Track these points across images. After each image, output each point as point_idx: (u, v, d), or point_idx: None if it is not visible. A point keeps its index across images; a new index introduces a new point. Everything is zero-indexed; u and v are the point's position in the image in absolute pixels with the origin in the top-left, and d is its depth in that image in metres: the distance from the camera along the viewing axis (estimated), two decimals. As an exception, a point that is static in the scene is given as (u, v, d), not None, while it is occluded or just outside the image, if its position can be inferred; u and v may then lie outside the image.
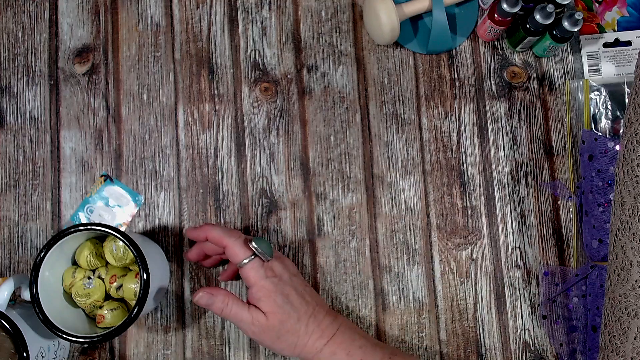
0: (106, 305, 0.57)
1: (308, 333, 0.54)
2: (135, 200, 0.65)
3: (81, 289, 0.57)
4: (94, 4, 0.69)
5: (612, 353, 0.53)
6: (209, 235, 0.56)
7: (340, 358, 0.54)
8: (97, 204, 0.64)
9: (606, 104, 0.65)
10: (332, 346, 0.54)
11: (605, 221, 0.60)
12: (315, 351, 0.54)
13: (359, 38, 0.68)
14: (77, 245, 0.59)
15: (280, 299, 0.54)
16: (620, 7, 0.69)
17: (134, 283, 0.56)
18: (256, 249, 0.54)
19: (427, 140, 0.67)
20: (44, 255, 0.55)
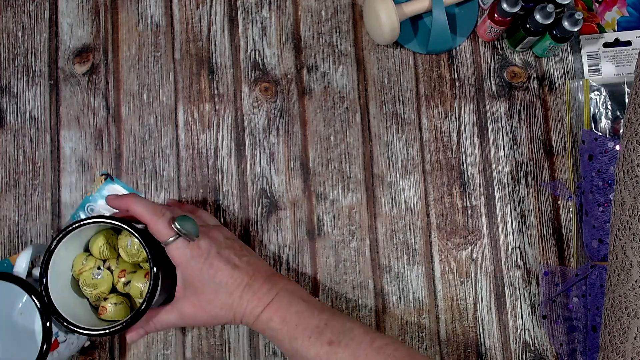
0: (110, 299, 0.57)
1: (243, 304, 0.53)
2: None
3: (89, 279, 0.56)
4: (94, 4, 0.69)
5: (612, 353, 0.53)
6: (130, 209, 0.54)
7: (275, 324, 0.53)
8: (98, 203, 0.64)
9: (606, 104, 0.65)
10: (268, 313, 0.53)
11: (605, 221, 0.60)
12: (253, 318, 0.53)
13: (359, 38, 0.68)
14: (92, 234, 0.58)
15: (206, 277, 0.53)
16: (620, 7, 0.69)
17: (143, 282, 0.56)
18: (179, 229, 0.52)
19: (427, 140, 0.67)
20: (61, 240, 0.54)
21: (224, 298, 0.53)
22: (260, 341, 0.63)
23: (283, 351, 0.54)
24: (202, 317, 0.54)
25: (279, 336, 0.53)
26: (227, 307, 0.53)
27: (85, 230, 0.55)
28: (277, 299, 0.54)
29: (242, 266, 0.55)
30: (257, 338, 0.63)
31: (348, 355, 0.50)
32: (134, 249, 0.56)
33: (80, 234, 0.55)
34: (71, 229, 0.53)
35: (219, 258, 0.54)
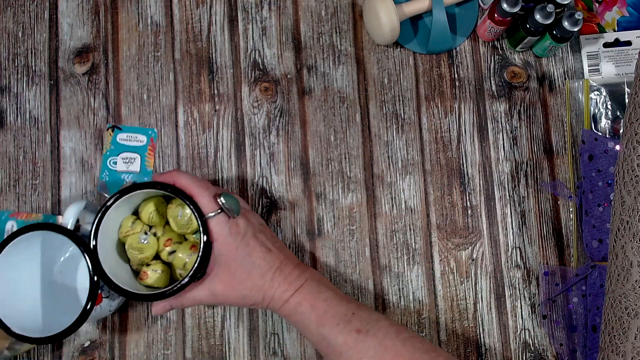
0: (153, 265, 0.56)
1: (274, 286, 0.54)
2: (149, 134, 0.65)
3: (136, 242, 0.56)
4: (94, 4, 0.69)
5: (612, 353, 0.53)
6: (177, 182, 0.54)
7: (304, 309, 0.54)
8: (119, 156, 0.64)
9: (606, 104, 0.65)
10: (297, 297, 0.54)
11: (605, 221, 0.60)
12: (281, 302, 0.54)
13: (359, 38, 0.68)
14: (143, 199, 0.58)
15: (241, 256, 0.54)
16: (620, 7, 0.69)
17: (187, 254, 0.56)
18: (223, 204, 0.53)
19: (427, 140, 0.67)
20: (117, 200, 0.54)
21: (256, 279, 0.54)
22: (260, 341, 0.63)
23: (307, 336, 0.55)
24: (232, 296, 0.54)
25: (306, 321, 0.53)
26: (257, 288, 0.54)
27: (138, 195, 0.55)
28: (306, 285, 0.55)
29: (274, 251, 0.56)
30: (257, 338, 0.63)
31: (375, 344, 0.51)
32: (184, 220, 0.56)
33: (132, 197, 0.55)
34: (128, 191, 0.54)
35: (255, 239, 0.55)
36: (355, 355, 0.51)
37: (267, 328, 0.63)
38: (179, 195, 0.53)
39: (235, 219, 0.54)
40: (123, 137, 0.64)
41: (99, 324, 0.63)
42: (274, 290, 0.54)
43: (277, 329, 0.63)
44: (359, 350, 0.51)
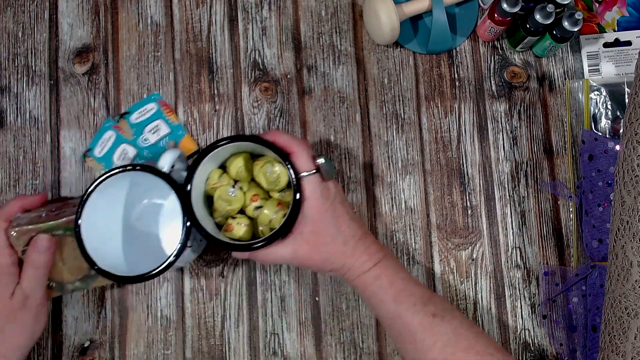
0: (239, 218, 0.57)
1: (355, 255, 0.54)
2: (153, 99, 0.66)
3: (225, 193, 0.56)
4: (94, 4, 0.69)
5: (612, 353, 0.53)
6: (277, 140, 0.54)
7: (383, 283, 0.54)
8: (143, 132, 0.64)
9: (606, 104, 0.65)
10: (376, 271, 0.54)
11: (605, 221, 0.60)
12: (360, 272, 0.54)
13: (359, 38, 0.68)
14: (232, 152, 0.58)
15: (329, 220, 0.54)
16: (620, 7, 0.69)
17: (274, 211, 0.56)
18: (322, 164, 0.54)
19: (427, 140, 0.67)
20: (213, 149, 0.54)
21: (339, 245, 0.54)
22: (260, 341, 0.63)
23: (379, 311, 0.54)
24: (315, 259, 0.54)
25: (382, 296, 0.54)
26: (339, 254, 0.54)
27: (228, 148, 0.56)
28: (385, 261, 0.55)
29: (357, 220, 0.56)
30: (257, 338, 0.63)
31: (450, 330, 0.52)
32: (272, 177, 0.56)
33: (223, 150, 0.55)
34: (225, 142, 0.54)
35: (342, 206, 0.55)
36: (429, 337, 0.51)
37: (267, 328, 0.63)
38: (277, 151, 0.53)
39: (327, 183, 0.55)
40: (135, 117, 0.65)
41: (99, 323, 0.63)
42: (354, 259, 0.54)
43: (277, 329, 0.63)
44: (433, 334, 0.51)
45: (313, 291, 0.64)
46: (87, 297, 0.64)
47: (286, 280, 0.64)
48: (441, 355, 0.51)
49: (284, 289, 0.64)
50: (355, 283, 0.55)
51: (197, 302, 0.64)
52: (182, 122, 0.66)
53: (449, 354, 0.51)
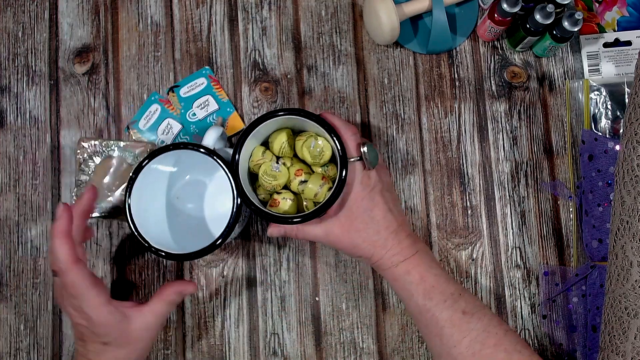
0: (284, 193, 0.57)
1: (386, 247, 0.55)
2: (204, 74, 0.66)
3: (270, 169, 0.56)
4: (94, 4, 0.69)
5: (612, 353, 0.53)
6: (328, 120, 0.55)
7: (413, 279, 0.54)
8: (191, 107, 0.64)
9: (606, 104, 0.65)
10: (407, 265, 0.55)
11: (605, 221, 0.60)
12: (389, 265, 0.55)
13: (359, 38, 0.68)
14: (274, 129, 0.58)
15: (364, 206, 0.55)
16: (620, 7, 0.69)
17: (319, 185, 0.56)
18: (365, 153, 0.54)
19: (427, 140, 0.67)
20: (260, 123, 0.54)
21: (372, 233, 0.55)
22: (260, 341, 0.63)
23: (409, 304, 0.55)
24: (345, 242, 0.55)
25: (412, 290, 0.54)
26: (370, 243, 0.55)
27: (274, 123, 0.56)
28: (417, 257, 0.55)
29: (395, 212, 0.56)
30: (257, 338, 0.63)
31: (479, 327, 0.52)
32: (316, 151, 0.56)
33: (270, 124, 0.56)
34: (277, 115, 0.54)
35: (381, 196, 0.56)
36: (457, 333, 0.52)
37: (267, 328, 0.63)
38: (326, 126, 0.54)
39: (368, 171, 0.55)
40: (185, 91, 0.65)
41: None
42: (385, 251, 0.55)
43: (277, 329, 0.63)
44: (462, 330, 0.52)
45: (313, 291, 0.64)
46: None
47: (286, 280, 0.64)
48: (468, 350, 0.51)
49: (284, 289, 0.64)
50: (385, 274, 0.56)
51: (197, 302, 0.64)
52: (231, 99, 0.66)
53: (476, 350, 0.51)
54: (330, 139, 0.55)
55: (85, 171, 0.60)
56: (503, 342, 0.52)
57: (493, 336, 0.52)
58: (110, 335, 0.52)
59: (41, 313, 0.64)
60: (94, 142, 0.61)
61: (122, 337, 0.52)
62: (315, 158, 0.57)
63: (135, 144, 0.61)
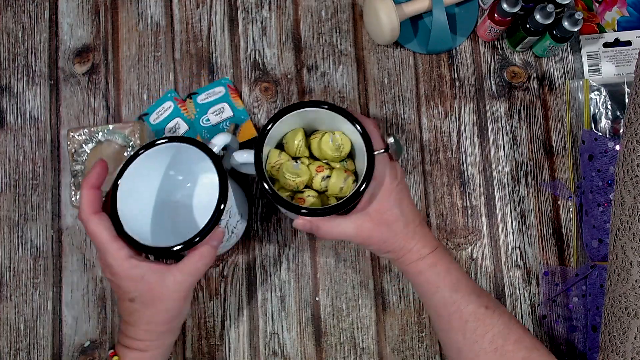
0: (307, 192, 0.56)
1: (415, 240, 0.54)
2: (223, 83, 0.66)
3: (291, 167, 0.55)
4: (94, 4, 0.69)
5: (612, 353, 0.53)
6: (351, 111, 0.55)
7: (440, 271, 0.54)
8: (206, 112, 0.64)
9: (606, 104, 0.65)
10: (433, 258, 0.54)
11: (605, 221, 0.60)
12: (417, 257, 0.54)
13: (359, 38, 0.68)
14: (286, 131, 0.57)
15: (394, 200, 0.54)
16: (620, 7, 0.69)
17: (343, 178, 0.55)
18: (391, 144, 0.53)
19: (427, 140, 0.67)
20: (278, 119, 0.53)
21: (401, 226, 0.54)
22: (260, 341, 0.63)
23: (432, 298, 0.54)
24: (376, 237, 0.53)
25: (439, 282, 0.54)
26: (401, 236, 0.54)
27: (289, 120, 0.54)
28: (440, 250, 0.55)
29: (415, 207, 0.56)
30: (257, 338, 0.63)
31: (501, 323, 0.52)
32: (335, 145, 0.55)
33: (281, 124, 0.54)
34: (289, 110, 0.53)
35: (406, 188, 0.55)
36: (481, 327, 0.52)
37: (267, 328, 0.63)
38: (352, 119, 0.53)
39: (394, 163, 0.55)
40: (203, 98, 0.65)
41: (98, 323, 0.63)
42: (413, 244, 0.54)
43: (277, 329, 0.63)
44: (485, 324, 0.52)
45: (313, 291, 0.64)
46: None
47: (286, 280, 0.64)
48: (491, 345, 0.51)
49: (284, 289, 0.64)
50: (409, 268, 0.54)
51: (197, 302, 0.64)
52: (246, 107, 0.66)
53: (499, 345, 0.51)
54: (354, 130, 0.53)
55: (79, 160, 0.60)
56: (524, 340, 0.52)
57: (514, 333, 0.52)
58: (136, 290, 0.50)
59: (41, 313, 0.64)
60: (83, 131, 0.61)
61: (147, 294, 0.50)
62: (335, 152, 0.55)
63: (124, 125, 0.61)
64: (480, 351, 0.51)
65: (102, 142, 0.61)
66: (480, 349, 0.51)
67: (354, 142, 0.55)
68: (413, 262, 0.54)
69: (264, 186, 0.52)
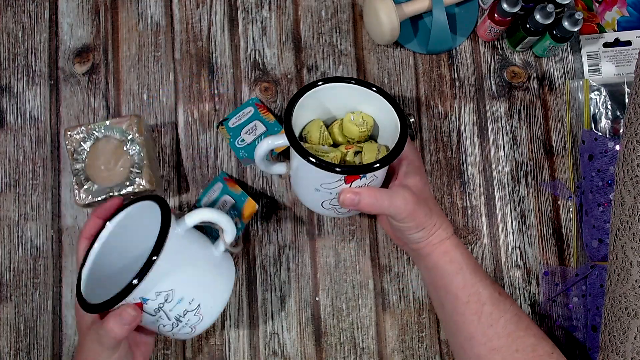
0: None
1: (441, 218, 0.54)
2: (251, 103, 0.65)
3: (320, 149, 0.54)
4: (94, 4, 0.69)
5: (612, 353, 0.53)
6: None
7: (462, 251, 0.54)
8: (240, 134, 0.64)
9: (606, 104, 0.65)
10: (455, 239, 0.55)
11: (605, 221, 0.60)
12: (445, 236, 0.54)
13: (359, 38, 0.68)
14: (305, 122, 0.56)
15: (424, 177, 0.55)
16: (620, 7, 0.69)
17: (375, 152, 0.54)
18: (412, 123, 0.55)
19: (427, 140, 0.67)
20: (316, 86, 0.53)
21: (433, 203, 0.55)
22: (260, 341, 0.63)
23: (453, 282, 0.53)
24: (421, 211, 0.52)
25: (462, 262, 0.54)
26: (435, 211, 0.54)
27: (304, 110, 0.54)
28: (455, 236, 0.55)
29: None
30: (257, 338, 0.63)
31: (513, 310, 0.53)
32: (359, 121, 0.55)
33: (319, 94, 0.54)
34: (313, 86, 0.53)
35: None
36: (496, 312, 0.52)
37: (267, 328, 0.63)
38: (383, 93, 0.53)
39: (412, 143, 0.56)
40: (233, 122, 0.64)
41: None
42: (441, 222, 0.54)
43: (277, 329, 0.63)
44: (499, 309, 0.53)
45: (313, 291, 0.64)
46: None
47: (286, 280, 0.64)
48: (504, 330, 0.52)
49: (284, 289, 0.64)
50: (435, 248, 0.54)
51: (197, 302, 0.64)
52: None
53: (511, 331, 0.52)
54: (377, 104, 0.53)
55: (79, 159, 0.60)
56: (532, 328, 0.53)
57: (524, 320, 0.53)
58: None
59: (41, 313, 0.64)
60: (80, 129, 0.61)
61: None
62: (362, 127, 0.55)
63: (120, 120, 0.61)
64: (494, 335, 0.52)
65: (100, 139, 0.61)
66: (494, 333, 0.52)
67: (375, 118, 0.55)
68: (442, 240, 0.54)
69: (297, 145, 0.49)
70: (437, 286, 0.55)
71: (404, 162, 0.54)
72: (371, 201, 0.51)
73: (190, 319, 0.51)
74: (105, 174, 0.61)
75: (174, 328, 0.51)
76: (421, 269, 0.58)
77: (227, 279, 0.53)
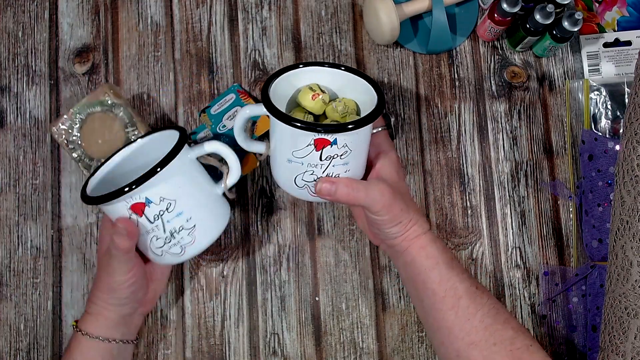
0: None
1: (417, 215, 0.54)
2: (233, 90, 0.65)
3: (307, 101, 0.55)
4: (94, 4, 0.69)
5: (612, 353, 0.53)
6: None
7: (439, 245, 0.54)
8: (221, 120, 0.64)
9: (606, 104, 0.65)
10: (431, 234, 0.55)
11: (605, 221, 0.60)
12: (421, 231, 0.54)
13: (359, 38, 0.68)
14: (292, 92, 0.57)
15: (402, 172, 0.56)
16: (620, 7, 0.69)
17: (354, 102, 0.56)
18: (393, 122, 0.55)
19: (427, 140, 0.67)
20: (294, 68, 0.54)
21: (409, 198, 0.55)
22: (260, 341, 0.63)
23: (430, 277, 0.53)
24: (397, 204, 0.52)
25: (438, 257, 0.54)
26: (412, 207, 0.54)
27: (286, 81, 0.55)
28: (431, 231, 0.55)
29: None
30: (257, 338, 0.63)
31: (490, 303, 0.53)
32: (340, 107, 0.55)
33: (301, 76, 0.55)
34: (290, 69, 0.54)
35: None
36: (473, 306, 0.52)
37: (267, 328, 0.63)
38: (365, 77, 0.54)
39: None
40: (215, 109, 0.65)
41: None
42: (417, 217, 0.54)
43: (277, 329, 0.63)
44: (477, 303, 0.53)
45: (313, 291, 0.64)
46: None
47: (286, 280, 0.64)
48: (482, 324, 0.52)
49: (284, 289, 0.64)
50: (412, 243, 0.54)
51: (197, 302, 0.64)
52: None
53: (488, 324, 0.52)
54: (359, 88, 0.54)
55: (75, 146, 0.61)
56: (510, 321, 0.53)
57: (502, 314, 0.53)
58: None
59: (41, 313, 0.64)
60: (62, 119, 0.62)
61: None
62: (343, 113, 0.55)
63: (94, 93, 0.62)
64: (471, 329, 0.52)
65: (86, 119, 0.61)
66: (472, 327, 0.52)
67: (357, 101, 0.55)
68: (418, 235, 0.54)
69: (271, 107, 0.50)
70: (414, 282, 0.55)
71: (382, 156, 0.55)
72: (347, 191, 0.51)
73: (183, 237, 0.53)
74: (106, 146, 0.62)
75: (165, 244, 0.53)
76: (399, 266, 0.57)
77: (222, 216, 0.56)
